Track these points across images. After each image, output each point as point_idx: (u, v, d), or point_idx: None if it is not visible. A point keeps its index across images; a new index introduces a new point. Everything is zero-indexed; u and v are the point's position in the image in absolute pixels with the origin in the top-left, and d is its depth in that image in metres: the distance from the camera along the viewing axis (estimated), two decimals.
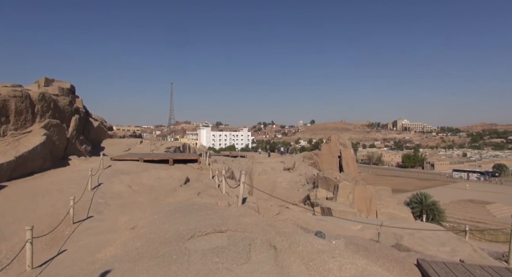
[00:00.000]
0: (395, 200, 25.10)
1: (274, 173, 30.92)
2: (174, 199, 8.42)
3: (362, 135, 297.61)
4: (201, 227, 4.36)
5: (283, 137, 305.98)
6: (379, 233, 9.44)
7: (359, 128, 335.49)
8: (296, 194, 24.89)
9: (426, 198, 37.28)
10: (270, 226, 4.78)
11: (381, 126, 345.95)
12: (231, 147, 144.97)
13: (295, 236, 4.40)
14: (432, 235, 9.53)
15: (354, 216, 15.49)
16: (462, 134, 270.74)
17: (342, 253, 3.99)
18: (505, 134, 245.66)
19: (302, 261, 3.55)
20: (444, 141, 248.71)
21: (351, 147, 45.84)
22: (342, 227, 9.77)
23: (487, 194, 64.31)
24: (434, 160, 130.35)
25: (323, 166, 40.03)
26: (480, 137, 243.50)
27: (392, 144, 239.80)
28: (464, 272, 4.64)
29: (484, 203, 52.60)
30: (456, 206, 51.86)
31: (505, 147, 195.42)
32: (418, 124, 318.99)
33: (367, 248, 5.60)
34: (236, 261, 3.42)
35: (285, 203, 17.72)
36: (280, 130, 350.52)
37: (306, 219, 9.85)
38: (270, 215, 8.88)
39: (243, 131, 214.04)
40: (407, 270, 4.76)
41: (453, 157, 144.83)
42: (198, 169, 15.28)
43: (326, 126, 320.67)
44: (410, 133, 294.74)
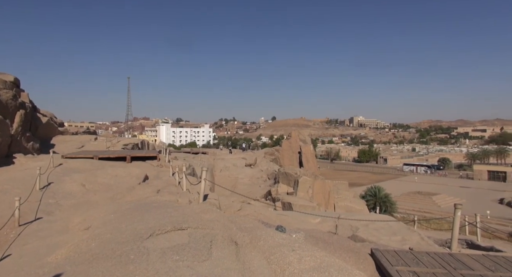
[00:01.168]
0: (351, 194, 26.23)
1: (236, 170, 30.94)
2: (132, 197, 8.12)
3: (321, 131, 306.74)
4: (160, 225, 4.25)
5: (244, 133, 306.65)
6: (336, 225, 9.82)
7: (318, 124, 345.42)
8: (257, 190, 25.12)
9: (379, 191, 39.42)
10: (231, 222, 4.78)
11: (339, 122, 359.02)
12: (192, 143, 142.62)
13: (257, 231, 4.44)
14: (385, 225, 10.10)
15: (313, 210, 15.97)
16: (411, 130, 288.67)
17: (302, 246, 4.09)
18: (448, 130, 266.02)
19: (263, 255, 3.59)
20: (396, 137, 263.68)
21: (310, 143, 47.05)
22: (302, 221, 10.02)
23: (433, 186, 69.33)
24: (387, 155, 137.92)
25: (284, 162, 40.73)
26: (427, 133, 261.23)
27: (349, 140, 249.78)
28: (412, 259, 4.96)
29: (430, 195, 56.67)
30: (406, 198, 55.34)
31: (449, 142, 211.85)
32: (372, 121, 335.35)
33: (325, 240, 5.79)
34: (197, 258, 3.38)
35: (247, 199, 17.80)
36: (241, 127, 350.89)
37: (267, 214, 9.97)
38: (232, 211, 8.88)
39: (204, 127, 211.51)
40: (362, 259, 4.99)
41: (404, 152, 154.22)
42: (158, 166, 14.87)
43: (287, 123, 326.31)
44: (366, 129, 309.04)
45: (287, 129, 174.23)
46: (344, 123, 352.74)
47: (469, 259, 5.09)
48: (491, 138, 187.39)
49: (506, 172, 79.26)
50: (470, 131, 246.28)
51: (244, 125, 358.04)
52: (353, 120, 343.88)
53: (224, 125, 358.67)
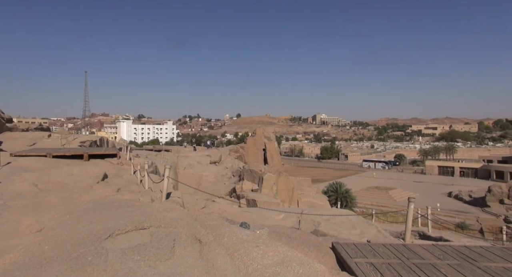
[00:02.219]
0: (314, 190, 26.94)
1: (200, 167, 30.57)
2: (89, 197, 7.75)
3: (285, 129, 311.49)
4: (120, 225, 4.10)
5: (209, 130, 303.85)
6: (299, 221, 10.05)
7: (282, 122, 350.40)
8: (222, 187, 25.00)
9: (340, 187, 40.85)
10: (195, 220, 4.73)
11: (302, 120, 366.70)
12: (154, 141, 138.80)
13: (221, 228, 4.43)
14: (345, 220, 10.50)
15: (277, 206, 16.19)
16: (370, 128, 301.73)
17: (266, 241, 4.14)
18: (404, 128, 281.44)
19: (227, 252, 3.59)
20: (356, 134, 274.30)
21: (275, 140, 47.62)
22: (266, 217, 10.14)
23: (390, 181, 73.08)
24: (348, 152, 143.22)
25: (249, 159, 40.88)
26: (384, 131, 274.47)
27: (312, 137, 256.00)
28: (370, 251, 5.21)
29: (387, 189, 59.70)
30: (365, 192, 57.86)
31: (404, 139, 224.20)
32: (334, 119, 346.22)
33: (288, 236, 5.91)
34: (159, 257, 3.31)
35: (211, 197, 17.68)
36: (206, 124, 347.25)
37: (232, 211, 9.98)
38: (196, 209, 8.78)
39: (168, 124, 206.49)
40: (323, 253, 5.15)
41: (363, 149, 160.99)
42: (118, 164, 14.31)
43: (252, 120, 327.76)
44: (328, 127, 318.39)
45: (252, 126, 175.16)
46: (308, 120, 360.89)
47: (421, 249, 5.43)
48: (441, 135, 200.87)
49: (454, 167, 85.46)
50: (423, 129, 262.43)
51: (208, 122, 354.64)
52: (316, 118, 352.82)
53: (188, 122, 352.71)
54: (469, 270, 4.45)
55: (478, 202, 50.47)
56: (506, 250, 5.48)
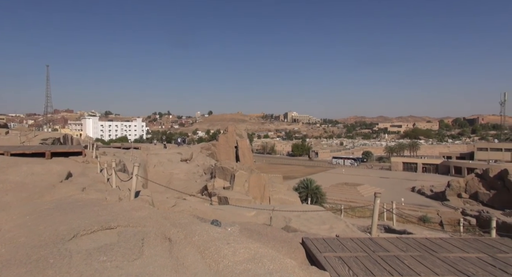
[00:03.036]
0: (285, 186, 27.27)
1: (171, 165, 30.05)
2: (52, 197, 7.38)
3: (257, 126, 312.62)
4: (86, 225, 3.95)
5: (180, 127, 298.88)
6: (271, 217, 10.15)
7: (254, 119, 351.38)
8: (193, 185, 24.75)
9: (311, 183, 41.63)
10: (165, 218, 4.64)
11: (274, 117, 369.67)
12: (123, 138, 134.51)
13: (191, 226, 4.37)
14: (315, 215, 10.73)
15: (249, 203, 16.25)
16: (340, 126, 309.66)
17: (237, 238, 4.14)
18: (371, 126, 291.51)
19: (198, 250, 3.56)
20: (326, 131, 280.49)
21: (247, 137, 47.68)
22: (238, 214, 10.15)
23: (358, 177, 75.44)
24: (318, 149, 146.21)
25: (221, 157, 40.71)
26: (353, 128, 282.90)
27: (283, 135, 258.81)
28: (338, 245, 5.36)
29: (355, 185, 61.60)
30: (334, 189, 59.37)
31: (371, 137, 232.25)
32: (305, 116, 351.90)
33: (259, 232, 5.94)
34: (127, 257, 3.21)
35: (182, 195, 17.44)
36: (177, 121, 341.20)
37: (203, 209, 9.89)
38: (166, 207, 8.62)
39: (137, 121, 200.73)
40: (293, 248, 5.23)
41: (333, 146, 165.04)
42: (83, 162, 13.74)
43: (224, 117, 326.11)
44: (299, 125, 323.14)
45: (224, 124, 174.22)
46: (279, 118, 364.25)
47: (386, 242, 5.66)
48: (405, 133, 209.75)
49: (417, 163, 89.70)
50: (389, 126, 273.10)
51: (179, 119, 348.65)
52: (287, 116, 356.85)
53: (158, 119, 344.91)
54: (430, 260, 4.70)
55: (438, 196, 53.32)
56: (463, 241, 5.83)
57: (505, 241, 5.86)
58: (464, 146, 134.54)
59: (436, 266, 4.48)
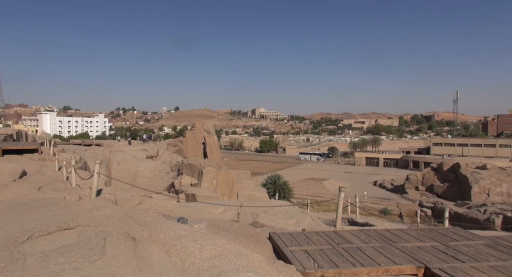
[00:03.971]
0: (253, 182, 27.42)
1: (136, 162, 29.16)
2: (4, 196, 6.91)
3: (225, 123, 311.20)
4: (42, 226, 3.73)
5: (145, 124, 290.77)
6: (239, 213, 10.17)
7: (222, 115, 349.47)
8: (160, 182, 24.22)
9: (278, 179, 42.22)
10: (129, 217, 4.49)
11: (242, 114, 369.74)
12: (83, 134, 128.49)
13: (157, 224, 4.28)
14: (282, 210, 10.88)
15: (217, 200, 16.16)
16: (306, 122, 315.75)
17: (204, 235, 4.11)
18: (336, 122, 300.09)
19: (163, 249, 3.49)
20: (293, 128, 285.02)
21: (215, 134, 47.33)
22: (206, 211, 10.07)
23: (324, 172, 77.53)
24: (285, 145, 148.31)
25: (188, 153, 40.14)
26: (319, 125, 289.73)
27: (251, 131, 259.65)
28: (304, 239, 5.48)
29: (321, 180, 63.28)
30: (301, 184, 60.62)
31: (336, 133, 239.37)
32: (273, 113, 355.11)
33: (227, 229, 5.94)
34: (88, 258, 3.08)
35: (148, 192, 17.03)
36: (142, 117, 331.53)
37: (170, 207, 9.71)
38: (130, 205, 8.36)
39: (99, 117, 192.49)
40: (261, 243, 5.28)
41: (300, 142, 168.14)
42: (40, 160, 12.98)
43: (191, 113, 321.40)
44: (266, 121, 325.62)
45: (191, 120, 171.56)
46: (247, 114, 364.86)
47: (349, 234, 5.87)
48: (368, 129, 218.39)
49: (379, 158, 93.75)
50: (353, 123, 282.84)
51: (144, 115, 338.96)
52: (255, 112, 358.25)
53: (121, 114, 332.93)
54: (389, 250, 4.94)
55: (398, 190, 56.12)
56: (419, 231, 6.18)
57: (456, 230, 6.29)
58: (422, 141, 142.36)
59: (395, 255, 4.72)
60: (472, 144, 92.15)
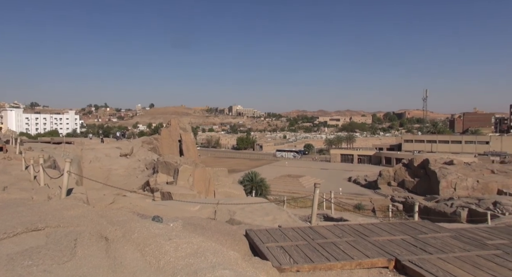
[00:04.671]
0: (230, 180, 27.39)
1: (109, 160, 28.39)
2: None
3: (201, 120, 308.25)
4: (7, 227, 3.56)
5: (119, 121, 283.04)
6: (215, 211, 10.14)
7: (198, 112, 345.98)
8: (134, 180, 23.73)
9: (255, 176, 42.39)
10: (101, 216, 4.37)
11: (219, 111, 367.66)
12: (53, 132, 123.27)
13: (131, 223, 4.19)
14: (259, 207, 10.94)
15: (193, 198, 16.03)
16: (283, 119, 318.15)
17: (179, 234, 4.07)
18: (312, 119, 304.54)
19: (137, 248, 3.42)
20: (270, 125, 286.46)
21: (191, 131, 46.82)
22: (181, 209, 9.96)
23: (300, 169, 78.52)
24: (262, 142, 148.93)
25: (164, 151, 39.51)
26: (295, 122, 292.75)
27: (228, 128, 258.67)
28: (280, 235, 5.54)
29: (297, 177, 64.08)
30: (278, 181, 61.11)
31: (312, 130, 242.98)
32: (249, 110, 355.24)
33: (203, 226, 5.90)
34: (57, 260, 2.97)
35: (122, 191, 16.66)
36: (115, 114, 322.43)
37: (144, 206, 9.53)
38: (103, 205, 8.14)
39: (69, 114, 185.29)
40: (237, 240, 5.30)
41: (277, 139, 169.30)
42: (5, 159, 12.36)
43: (166, 110, 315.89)
44: (243, 118, 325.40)
45: (167, 117, 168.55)
46: (224, 111, 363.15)
47: (324, 229, 5.99)
48: (343, 126, 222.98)
49: (353, 155, 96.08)
50: (328, 120, 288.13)
51: (118, 112, 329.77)
52: (232, 109, 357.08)
53: (94, 111, 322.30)
54: (362, 244, 5.09)
55: (371, 185, 57.80)
56: (390, 225, 6.40)
57: (425, 224, 6.56)
58: (394, 138, 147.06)
59: (368, 249, 4.87)
60: (440, 141, 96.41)
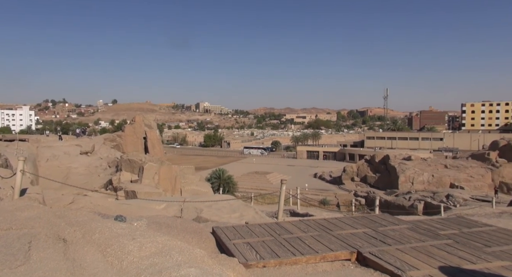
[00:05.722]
0: (197, 177, 27.05)
1: (68, 158, 27.05)
2: None
3: (167, 116, 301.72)
4: None
5: (79, 117, 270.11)
6: (182, 209, 9.99)
7: (164, 109, 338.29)
8: (96, 179, 22.84)
9: (223, 173, 42.20)
10: (59, 217, 4.15)
11: (186, 108, 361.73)
12: (4, 129, 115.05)
13: (91, 223, 4.02)
14: (226, 204, 10.92)
15: (159, 196, 15.68)
16: (250, 117, 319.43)
17: (143, 233, 3.97)
18: (279, 117, 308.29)
19: (98, 249, 3.30)
20: (237, 122, 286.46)
21: (156, 128, 45.73)
22: (146, 208, 9.71)
23: (268, 165, 79.28)
24: (230, 139, 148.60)
25: (128, 148, 38.33)
26: (263, 119, 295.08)
27: (195, 125, 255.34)
28: (247, 232, 5.58)
29: (265, 173, 64.67)
30: (246, 178, 61.33)
31: (279, 127, 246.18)
32: (217, 107, 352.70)
33: (169, 225, 5.80)
34: (9, 264, 2.79)
35: (82, 191, 15.99)
36: (75, 110, 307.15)
37: (107, 205, 9.19)
38: (61, 205, 7.74)
39: (23, 109, 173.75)
40: (204, 238, 5.26)
41: (244, 136, 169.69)
42: None
43: (130, 107, 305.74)
44: (211, 115, 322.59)
45: (131, 114, 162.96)
46: (191, 108, 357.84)
47: (290, 225, 6.10)
48: (309, 123, 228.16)
49: (319, 151, 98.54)
50: (295, 117, 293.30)
51: (78, 108, 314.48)
52: (199, 106, 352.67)
53: (51, 107, 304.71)
54: (327, 238, 5.25)
55: (336, 181, 59.66)
56: (353, 219, 6.65)
57: (385, 217, 6.89)
58: (357, 135, 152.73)
59: (332, 242, 5.03)
60: (399, 138, 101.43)
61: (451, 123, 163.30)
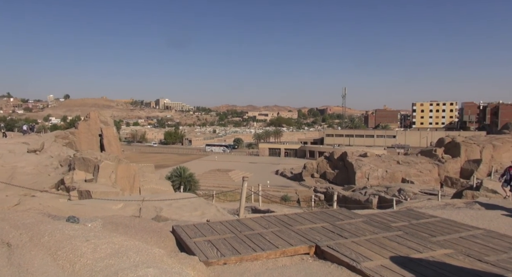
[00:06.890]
0: (157, 176, 26.35)
1: (14, 157, 25.12)
2: None
3: (125, 113, 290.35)
4: None
5: (26, 113, 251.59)
6: (140, 208, 9.69)
7: (122, 105, 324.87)
8: (46, 179, 21.44)
9: (184, 171, 41.41)
10: (2, 220, 3.86)
11: (145, 104, 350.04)
12: None
13: (40, 226, 3.78)
14: (187, 203, 10.76)
15: (116, 195, 15.07)
16: (213, 114, 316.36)
17: (98, 234, 3.81)
18: (241, 114, 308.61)
19: (48, 253, 3.11)
20: (199, 119, 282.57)
21: (113, 125, 43.90)
22: (102, 208, 9.31)
23: (230, 163, 79.19)
24: (191, 137, 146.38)
25: (82, 146, 36.47)
26: (225, 116, 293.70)
27: (155, 122, 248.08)
28: (208, 229, 5.54)
29: (227, 171, 64.56)
30: (207, 175, 60.80)
31: (242, 125, 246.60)
32: (178, 104, 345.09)
33: (126, 225, 5.61)
34: None
35: (30, 191, 14.96)
36: (21, 105, 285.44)
37: (58, 206, 8.67)
38: (6, 207, 7.19)
39: None
40: (163, 237, 5.15)
41: (206, 134, 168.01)
42: None
43: (85, 102, 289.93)
44: (171, 112, 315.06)
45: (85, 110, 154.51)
46: (150, 105, 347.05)
47: (251, 221, 6.15)
48: (271, 121, 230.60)
49: (280, 149, 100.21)
50: (257, 115, 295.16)
51: (25, 103, 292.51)
52: (159, 102, 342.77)
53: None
54: (287, 234, 5.36)
55: (297, 177, 61.05)
56: (312, 214, 6.85)
57: (342, 211, 7.18)
58: (317, 132, 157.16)
59: (291, 238, 5.15)
60: (356, 135, 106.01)
61: (403, 121, 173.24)
